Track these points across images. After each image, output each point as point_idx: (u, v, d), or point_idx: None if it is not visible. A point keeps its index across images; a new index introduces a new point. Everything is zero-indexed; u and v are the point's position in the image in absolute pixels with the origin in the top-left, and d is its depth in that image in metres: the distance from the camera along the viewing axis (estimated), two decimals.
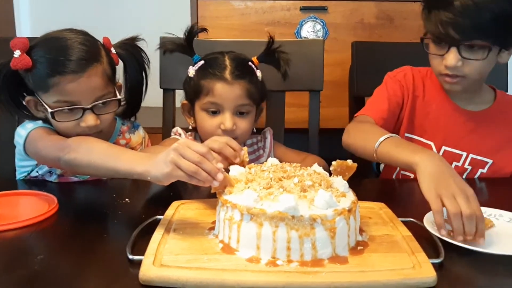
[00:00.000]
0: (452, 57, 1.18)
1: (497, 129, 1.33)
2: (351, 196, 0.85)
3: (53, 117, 1.11)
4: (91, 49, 1.13)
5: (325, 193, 0.78)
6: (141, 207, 1.08)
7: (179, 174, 0.82)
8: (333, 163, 0.90)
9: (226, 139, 1.01)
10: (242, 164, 0.96)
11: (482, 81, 1.32)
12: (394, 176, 1.41)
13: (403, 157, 1.02)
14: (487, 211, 1.00)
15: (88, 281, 0.75)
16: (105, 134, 1.25)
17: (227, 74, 1.27)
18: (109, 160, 0.95)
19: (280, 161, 1.38)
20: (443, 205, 0.88)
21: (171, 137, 1.39)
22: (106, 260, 0.82)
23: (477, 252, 0.82)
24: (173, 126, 1.59)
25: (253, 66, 1.34)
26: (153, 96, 1.51)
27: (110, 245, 0.88)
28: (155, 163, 0.86)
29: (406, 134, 1.36)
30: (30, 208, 1.03)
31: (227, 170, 0.93)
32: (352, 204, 0.82)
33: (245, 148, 0.98)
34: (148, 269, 0.73)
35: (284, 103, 1.59)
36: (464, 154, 1.32)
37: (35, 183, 1.24)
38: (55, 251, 0.86)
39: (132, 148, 1.38)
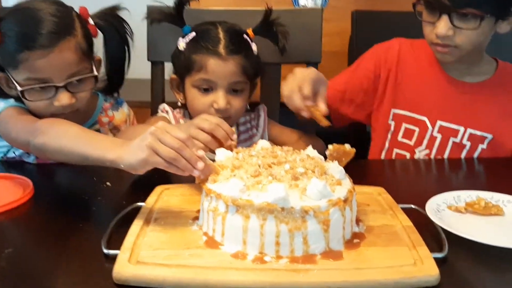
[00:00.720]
0: (443, 25, 1.12)
1: (497, 101, 1.25)
2: (347, 183, 0.78)
3: (23, 96, 1.03)
4: (63, 21, 1.03)
5: (318, 182, 0.71)
6: (123, 193, 1.01)
7: (157, 160, 0.75)
8: (329, 147, 0.82)
9: (217, 120, 0.93)
10: (229, 147, 0.88)
11: (480, 51, 1.24)
12: (383, 155, 1.33)
13: None
14: (494, 197, 0.93)
15: (59, 279, 0.68)
16: (84, 112, 1.17)
17: (221, 48, 1.17)
18: (80, 145, 0.86)
19: (274, 141, 1.33)
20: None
21: (158, 115, 1.31)
22: (81, 254, 0.75)
23: (483, 245, 0.75)
24: (163, 101, 1.51)
25: (248, 39, 1.24)
26: (141, 68, 1.42)
27: (86, 236, 0.81)
28: (129, 149, 0.78)
29: (394, 110, 1.30)
30: (2, 193, 0.96)
31: (213, 153, 0.86)
32: (349, 193, 0.74)
33: (234, 129, 0.90)
34: (123, 267, 0.67)
35: (280, 76, 1.50)
36: (462, 129, 1.24)
37: (12, 165, 1.16)
38: (25, 245, 0.79)
39: (116, 127, 1.30)
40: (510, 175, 1.21)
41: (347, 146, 0.81)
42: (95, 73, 1.09)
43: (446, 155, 1.25)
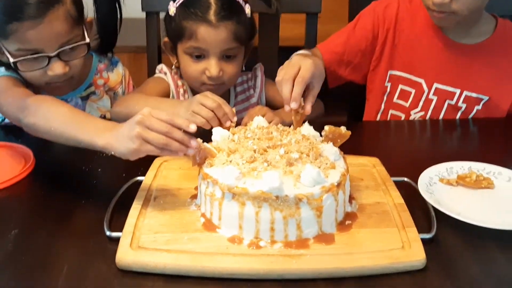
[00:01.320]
0: None
1: (495, 62, 1.23)
2: (341, 165, 0.79)
3: (16, 67, 1.01)
4: None
5: (312, 169, 0.72)
6: (122, 164, 1.02)
7: (148, 148, 0.75)
8: (325, 128, 0.82)
9: (220, 100, 0.93)
10: (228, 128, 0.88)
11: (478, 13, 1.20)
12: (379, 116, 1.33)
13: None
14: (486, 168, 0.95)
15: (63, 263, 0.72)
16: (79, 76, 1.16)
17: (212, 15, 1.13)
18: (69, 129, 0.85)
19: (272, 102, 1.33)
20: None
21: (156, 75, 1.29)
22: (84, 234, 0.78)
23: (471, 226, 0.78)
24: (159, 52, 1.49)
25: (240, 1, 1.19)
26: (136, 11, 1.38)
27: (88, 214, 0.83)
28: (119, 137, 0.78)
29: (390, 72, 1.29)
30: (4, 165, 0.98)
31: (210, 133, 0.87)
32: (342, 177, 0.76)
33: (233, 109, 0.90)
34: (125, 254, 0.70)
35: (278, 26, 1.46)
36: (458, 91, 1.23)
37: (11, 130, 1.17)
38: (29, 225, 0.81)
39: (111, 89, 1.29)
40: (504, 134, 1.23)
41: (342, 128, 0.82)
42: (87, 40, 1.06)
43: (441, 117, 1.26)
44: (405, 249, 0.72)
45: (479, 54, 1.21)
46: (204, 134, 0.89)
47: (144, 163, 0.96)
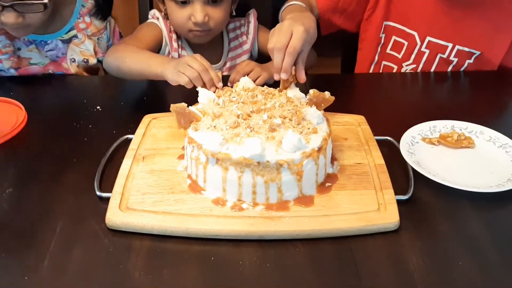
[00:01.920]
0: None
1: (488, 16, 1.20)
2: (323, 129, 0.81)
3: None
4: None
5: (293, 135, 0.74)
6: (113, 119, 1.05)
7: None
8: (310, 92, 0.83)
9: (207, 64, 0.93)
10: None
11: None
12: (372, 67, 1.33)
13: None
14: (468, 127, 0.97)
15: (56, 223, 0.76)
16: (60, 18, 1.16)
17: None
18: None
19: (264, 49, 1.32)
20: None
21: (148, 21, 1.27)
22: (75, 194, 0.82)
23: (448, 187, 0.81)
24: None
25: None
26: None
27: (79, 173, 0.87)
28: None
29: (385, 22, 1.26)
30: None
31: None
32: (323, 141, 0.78)
33: (219, 74, 0.90)
34: (114, 215, 0.74)
35: None
36: (450, 45, 1.22)
37: (1, 83, 1.18)
38: (22, 183, 0.85)
39: (94, 34, 1.30)
40: (494, 87, 1.23)
41: (327, 93, 0.83)
42: (45, 0, 1.04)
43: (432, 70, 1.25)
44: (380, 211, 0.75)
45: (472, 7, 1.19)
46: (191, 96, 0.91)
47: (133, 120, 0.99)
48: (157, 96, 1.16)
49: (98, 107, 1.07)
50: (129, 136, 0.94)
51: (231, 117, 0.79)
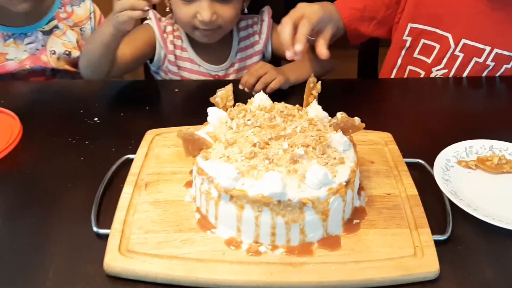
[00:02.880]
0: None
1: None
2: (350, 157, 0.71)
3: None
4: None
5: (318, 170, 0.64)
6: (113, 134, 0.94)
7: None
8: (338, 116, 0.72)
9: None
10: (224, 107, 0.78)
11: None
12: (394, 72, 1.21)
13: None
14: (509, 148, 0.86)
15: (49, 263, 0.66)
16: (41, 8, 1.11)
17: None
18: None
19: (277, 50, 1.21)
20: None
21: (144, 22, 1.17)
22: (70, 227, 0.72)
23: (490, 225, 0.71)
24: None
25: None
26: None
27: (74, 201, 0.77)
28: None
29: (411, 24, 1.15)
30: None
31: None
32: (351, 174, 0.69)
33: (230, 87, 0.79)
34: (114, 259, 0.65)
35: None
36: (488, 48, 1.11)
37: None
38: (13, 212, 0.76)
39: (77, 24, 1.23)
40: None
41: (356, 119, 0.72)
42: None
43: (465, 75, 1.14)
44: (417, 256, 0.66)
45: None
46: (198, 115, 0.80)
47: (135, 134, 0.89)
48: (160, 106, 1.05)
49: (96, 119, 0.97)
50: (130, 156, 0.85)
51: (246, 146, 0.69)
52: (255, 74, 1.03)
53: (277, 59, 1.25)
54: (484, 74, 1.14)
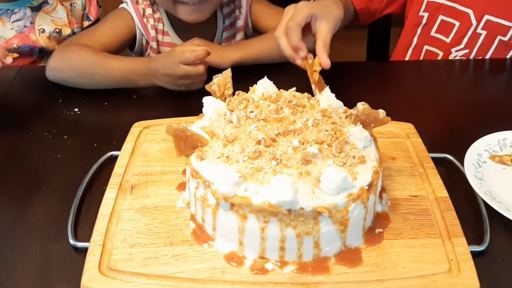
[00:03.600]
0: None
1: None
2: (372, 155, 0.60)
3: None
4: None
5: (336, 173, 0.54)
6: (94, 128, 0.83)
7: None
8: (358, 106, 0.61)
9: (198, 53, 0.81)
10: (222, 96, 0.67)
11: None
12: (409, 52, 1.10)
13: None
14: None
15: (19, 283, 0.56)
16: None
17: None
18: None
19: (255, 25, 1.09)
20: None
21: (119, 7, 1.04)
22: (43, 239, 0.62)
23: None
24: None
25: None
26: None
27: (49, 206, 0.67)
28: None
29: None
30: None
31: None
32: (374, 175, 0.58)
33: (228, 72, 0.67)
34: (92, 279, 0.54)
35: None
36: None
37: None
38: None
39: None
40: None
41: (381, 112, 0.61)
42: None
43: (488, 57, 1.03)
44: (453, 273, 0.56)
45: None
46: (192, 105, 0.69)
47: (120, 128, 0.78)
48: (149, 94, 0.93)
49: (76, 110, 0.86)
50: (114, 153, 0.74)
51: (249, 143, 0.57)
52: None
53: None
54: (509, 55, 1.03)
